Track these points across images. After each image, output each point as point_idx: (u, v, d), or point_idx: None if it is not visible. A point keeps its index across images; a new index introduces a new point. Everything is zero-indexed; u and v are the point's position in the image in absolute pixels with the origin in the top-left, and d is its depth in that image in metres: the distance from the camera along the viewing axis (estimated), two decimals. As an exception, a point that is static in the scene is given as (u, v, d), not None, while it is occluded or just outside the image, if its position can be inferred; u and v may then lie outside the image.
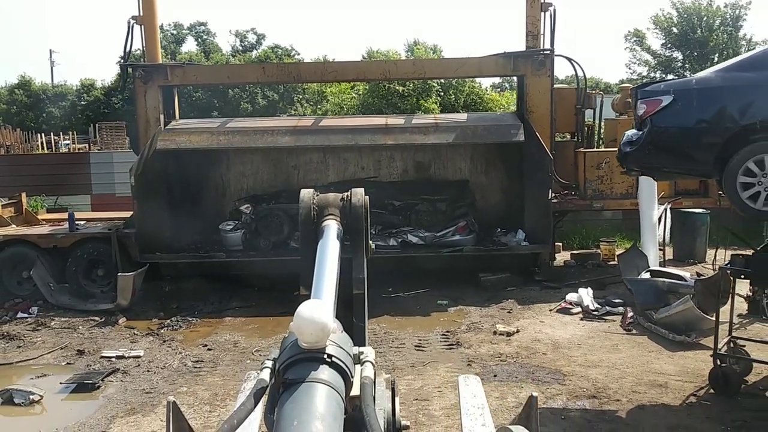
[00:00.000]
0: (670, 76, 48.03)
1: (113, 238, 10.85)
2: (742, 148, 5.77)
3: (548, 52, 11.21)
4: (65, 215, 11.99)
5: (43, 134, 30.48)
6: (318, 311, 1.81)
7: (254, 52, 47.12)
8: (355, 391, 1.88)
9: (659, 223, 10.42)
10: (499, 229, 12.10)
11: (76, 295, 10.77)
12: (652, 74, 49.83)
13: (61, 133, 31.77)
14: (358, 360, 1.97)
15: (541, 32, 11.38)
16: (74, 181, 16.00)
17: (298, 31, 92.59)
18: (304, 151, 12.89)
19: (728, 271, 6.57)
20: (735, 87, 5.89)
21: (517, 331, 8.64)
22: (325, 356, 1.79)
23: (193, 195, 12.51)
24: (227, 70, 12.50)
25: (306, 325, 1.78)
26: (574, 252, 12.83)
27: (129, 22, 11.55)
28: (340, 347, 1.85)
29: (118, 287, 10.00)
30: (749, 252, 6.90)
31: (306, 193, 2.84)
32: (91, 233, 11.17)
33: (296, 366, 1.77)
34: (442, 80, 12.31)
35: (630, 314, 8.86)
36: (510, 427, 1.70)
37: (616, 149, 13.04)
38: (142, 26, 11.66)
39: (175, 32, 52.44)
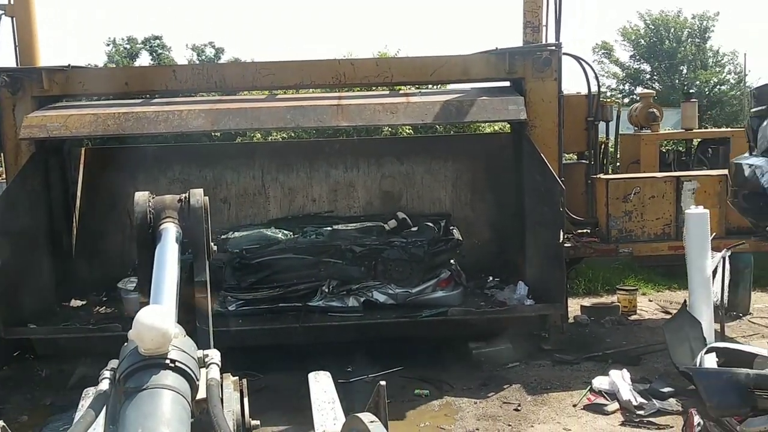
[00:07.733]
0: (638, 89, 46.68)
1: (-37, 307, 7.80)
2: None
3: (554, 47, 8.54)
4: None
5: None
6: (158, 317, 1.80)
7: (211, 66, 44.32)
8: (201, 394, 1.87)
9: (713, 277, 7.65)
10: (490, 278, 9.37)
11: None
12: (620, 86, 48.80)
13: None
14: (203, 363, 1.95)
15: (544, 23, 8.75)
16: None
17: (260, 46, 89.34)
18: (237, 178, 10.10)
19: None
20: None
21: (537, 453, 5.84)
22: (168, 361, 1.77)
23: (90, 240, 9.53)
24: (126, 74, 9.56)
25: (146, 331, 1.76)
26: (585, 304, 10.08)
27: (-6, 14, 8.64)
28: (183, 351, 1.84)
29: (-46, 386, 6.98)
30: None
31: (141, 196, 2.69)
32: (-66, 300, 8.09)
33: (138, 373, 1.75)
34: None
35: (696, 420, 6.09)
36: (358, 415, 1.80)
37: (644, 174, 10.48)
38: (13, 18, 8.73)
39: (128, 46, 49.76)
